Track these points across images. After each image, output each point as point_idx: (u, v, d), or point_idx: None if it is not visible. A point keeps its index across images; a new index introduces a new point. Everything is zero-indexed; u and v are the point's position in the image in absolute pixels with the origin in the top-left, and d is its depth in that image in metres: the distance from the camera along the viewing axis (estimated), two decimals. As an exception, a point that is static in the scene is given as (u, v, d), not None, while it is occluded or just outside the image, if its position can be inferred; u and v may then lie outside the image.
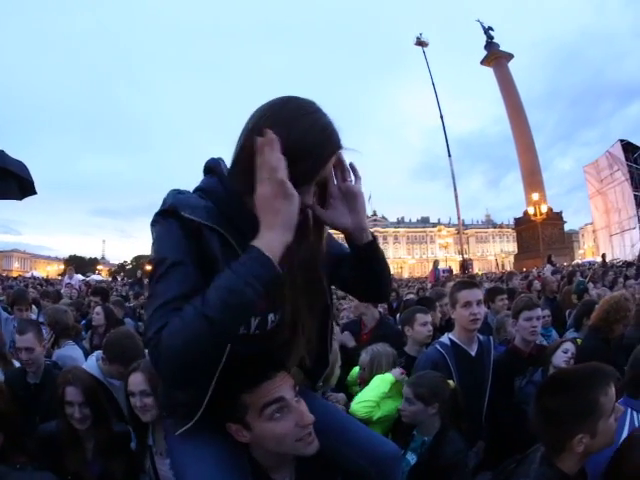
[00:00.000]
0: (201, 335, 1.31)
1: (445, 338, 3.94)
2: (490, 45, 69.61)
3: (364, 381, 4.00)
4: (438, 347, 3.85)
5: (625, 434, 2.47)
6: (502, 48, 70.25)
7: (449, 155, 56.04)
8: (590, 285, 7.97)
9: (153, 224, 1.56)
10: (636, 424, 2.64)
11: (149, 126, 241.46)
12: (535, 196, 45.82)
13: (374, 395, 3.60)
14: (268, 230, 1.39)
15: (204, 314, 1.30)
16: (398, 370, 3.84)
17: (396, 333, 5.17)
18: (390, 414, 3.57)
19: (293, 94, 1.53)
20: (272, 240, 1.39)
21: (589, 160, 60.20)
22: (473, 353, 3.90)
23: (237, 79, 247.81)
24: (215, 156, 1.72)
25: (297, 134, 1.40)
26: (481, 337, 4.02)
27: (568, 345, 4.05)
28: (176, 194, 1.58)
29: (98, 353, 4.08)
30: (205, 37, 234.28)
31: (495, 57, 68.63)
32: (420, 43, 61.33)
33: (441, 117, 57.58)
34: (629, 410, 2.67)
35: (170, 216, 1.51)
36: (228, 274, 1.35)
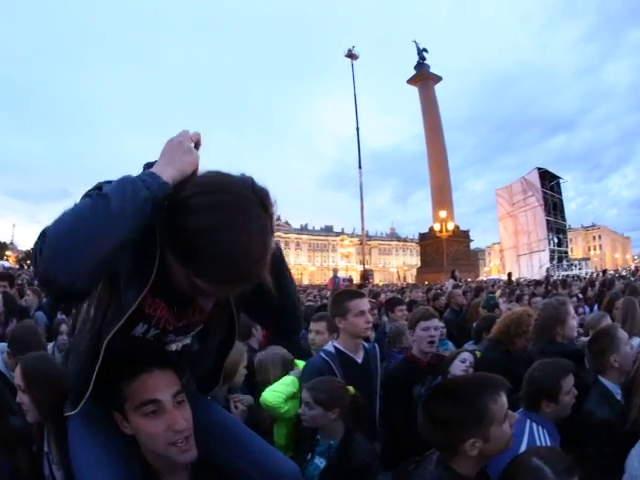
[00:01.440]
0: (94, 210, 1.32)
1: (329, 346, 3.94)
2: (420, 66, 71.57)
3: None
4: (323, 355, 3.84)
5: (524, 443, 2.74)
6: (434, 70, 72.54)
7: (359, 167, 57.20)
8: (500, 301, 8.28)
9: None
10: (535, 434, 2.85)
11: (77, 110, 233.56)
12: (442, 213, 47.78)
13: (285, 389, 3.65)
14: (161, 164, 1.48)
15: (98, 194, 1.35)
16: (297, 371, 3.94)
17: (295, 337, 5.04)
18: (293, 412, 3.58)
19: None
20: (162, 169, 1.45)
21: (502, 184, 65.29)
22: (360, 360, 3.93)
23: (170, 70, 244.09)
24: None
25: (210, 259, 1.39)
26: (366, 345, 4.07)
27: (466, 355, 4.19)
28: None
29: (2, 345, 4.12)
30: (143, 24, 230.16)
31: (422, 78, 70.59)
32: (351, 55, 62.42)
33: (357, 129, 58.74)
34: (528, 421, 2.91)
35: None
36: (126, 175, 1.43)
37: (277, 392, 3.60)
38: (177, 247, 1.44)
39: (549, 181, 57.26)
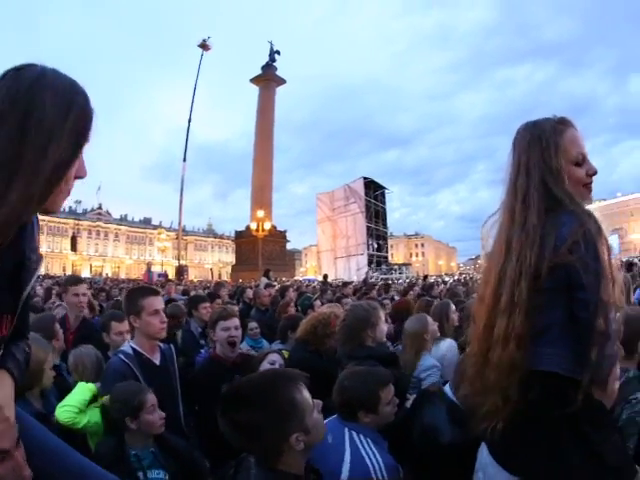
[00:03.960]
0: None
1: (127, 347, 3.86)
2: (268, 67, 71.87)
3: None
4: (122, 357, 3.72)
5: (347, 451, 2.82)
6: (282, 73, 73.34)
7: (184, 160, 56.81)
8: (318, 302, 8.37)
9: None
10: (357, 443, 2.89)
11: None
12: (260, 213, 48.82)
13: (75, 401, 3.43)
14: None
15: None
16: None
17: (100, 335, 5.08)
18: (100, 425, 3.44)
19: None
20: None
21: (326, 189, 68.81)
22: (157, 362, 3.90)
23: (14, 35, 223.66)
24: None
25: None
26: (162, 345, 4.04)
27: (275, 357, 4.26)
28: None
29: None
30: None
31: (266, 78, 71.12)
32: (203, 46, 62.42)
33: (189, 121, 58.64)
34: (346, 429, 2.95)
35: None
36: None
37: (67, 406, 3.37)
38: None
39: (374, 190, 61.60)
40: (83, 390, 3.54)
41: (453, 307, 5.37)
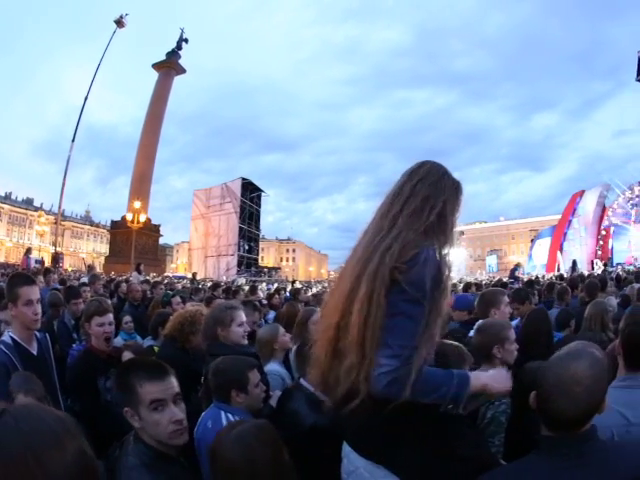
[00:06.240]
0: None
1: (7, 337, 3.75)
2: (172, 54, 69.73)
3: None
4: (3, 348, 3.63)
5: None
6: (185, 62, 71.64)
7: (73, 140, 54.45)
8: (177, 299, 8.16)
9: None
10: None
11: None
12: (137, 204, 46.91)
13: None
14: None
15: None
16: None
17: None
18: None
19: None
20: None
21: (203, 186, 67.22)
22: (35, 352, 3.84)
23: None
24: None
25: None
26: (38, 334, 3.97)
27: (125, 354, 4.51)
28: None
29: None
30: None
31: (168, 66, 69.20)
32: (119, 22, 59.53)
33: (85, 99, 56.16)
34: (222, 413, 3.17)
35: None
36: None
37: None
38: None
39: (251, 192, 60.83)
40: None
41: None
